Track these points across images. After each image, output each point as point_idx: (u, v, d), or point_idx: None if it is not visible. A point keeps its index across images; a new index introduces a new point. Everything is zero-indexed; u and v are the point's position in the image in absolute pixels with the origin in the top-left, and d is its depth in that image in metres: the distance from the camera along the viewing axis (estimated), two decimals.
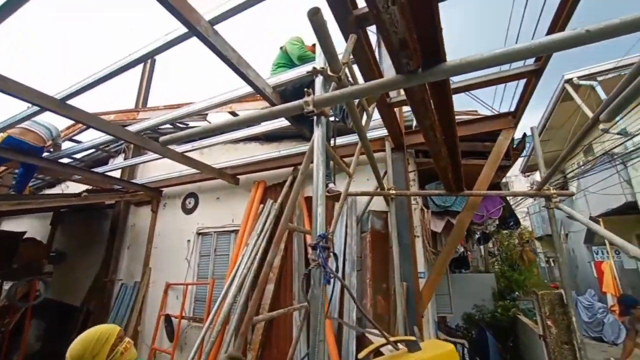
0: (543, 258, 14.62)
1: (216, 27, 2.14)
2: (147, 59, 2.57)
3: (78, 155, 6.07)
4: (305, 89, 1.45)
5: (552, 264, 13.90)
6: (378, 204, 3.96)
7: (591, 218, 8.35)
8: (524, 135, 3.61)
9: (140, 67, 6.95)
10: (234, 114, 4.41)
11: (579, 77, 8.02)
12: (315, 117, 1.50)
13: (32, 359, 5.66)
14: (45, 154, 4.65)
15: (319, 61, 1.63)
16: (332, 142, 2.37)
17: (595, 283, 9.43)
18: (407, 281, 3.35)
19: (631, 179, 7.42)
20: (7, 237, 5.94)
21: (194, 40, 2.22)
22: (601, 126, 7.83)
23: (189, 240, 5.25)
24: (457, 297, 5.38)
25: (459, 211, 4.02)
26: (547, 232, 13.13)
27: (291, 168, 4.72)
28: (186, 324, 4.75)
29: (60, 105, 2.94)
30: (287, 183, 4.65)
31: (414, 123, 4.14)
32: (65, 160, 5.38)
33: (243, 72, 2.38)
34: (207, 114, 4.46)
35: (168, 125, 5.40)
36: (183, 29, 2.17)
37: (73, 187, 6.53)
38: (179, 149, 4.50)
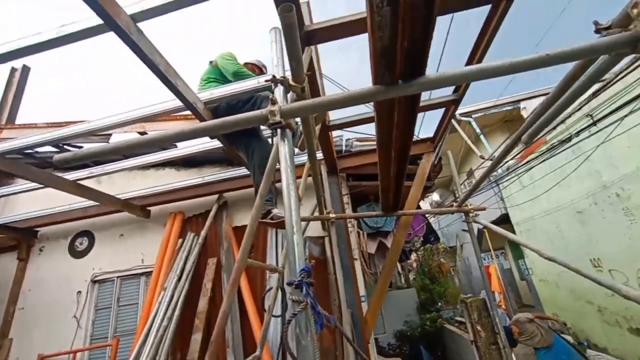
0: None
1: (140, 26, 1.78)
2: (22, 56, 1.93)
3: None
4: (271, 96, 1.26)
5: (452, 273, 15.97)
6: (314, 229, 3.84)
7: (479, 230, 9.98)
8: (440, 159, 4.07)
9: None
10: (144, 135, 3.79)
11: (460, 114, 9.85)
12: (279, 131, 1.31)
13: None
14: None
15: (279, 71, 1.47)
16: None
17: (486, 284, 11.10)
18: (351, 307, 3.24)
19: (504, 197, 9.23)
20: None
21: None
22: (479, 154, 9.71)
23: (79, 292, 4.10)
24: (386, 315, 5.52)
25: (389, 231, 4.20)
26: (448, 245, 15.15)
27: (215, 196, 4.25)
28: None
29: None
30: (212, 213, 4.15)
31: (344, 147, 4.28)
32: None
33: (171, 82, 2.03)
34: (110, 135, 3.72)
35: (50, 148, 4.32)
36: (91, 22, 1.75)
37: None
38: (69, 176, 3.58)
